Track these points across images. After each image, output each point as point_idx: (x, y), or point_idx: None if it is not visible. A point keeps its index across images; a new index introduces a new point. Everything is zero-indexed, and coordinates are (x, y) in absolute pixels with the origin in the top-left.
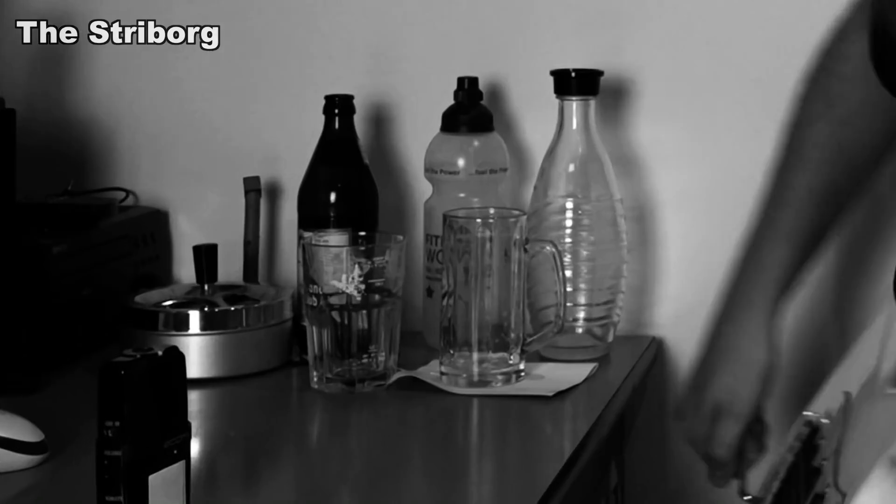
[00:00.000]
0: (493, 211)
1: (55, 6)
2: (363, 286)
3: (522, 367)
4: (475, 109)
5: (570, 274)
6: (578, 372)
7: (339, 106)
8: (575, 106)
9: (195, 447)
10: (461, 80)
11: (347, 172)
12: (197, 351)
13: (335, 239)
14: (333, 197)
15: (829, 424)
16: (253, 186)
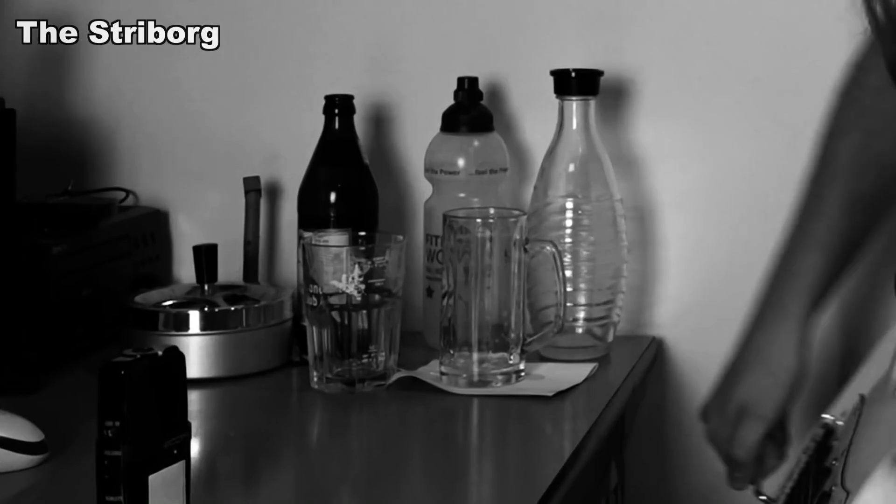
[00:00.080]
0: (493, 211)
1: (55, 6)
2: (363, 286)
3: (522, 367)
4: (475, 109)
5: (570, 274)
6: (578, 372)
7: (339, 106)
8: (575, 106)
9: (195, 447)
10: (461, 80)
11: (347, 172)
12: (197, 351)
13: (335, 239)
14: (333, 197)
15: (842, 426)
16: (253, 186)
